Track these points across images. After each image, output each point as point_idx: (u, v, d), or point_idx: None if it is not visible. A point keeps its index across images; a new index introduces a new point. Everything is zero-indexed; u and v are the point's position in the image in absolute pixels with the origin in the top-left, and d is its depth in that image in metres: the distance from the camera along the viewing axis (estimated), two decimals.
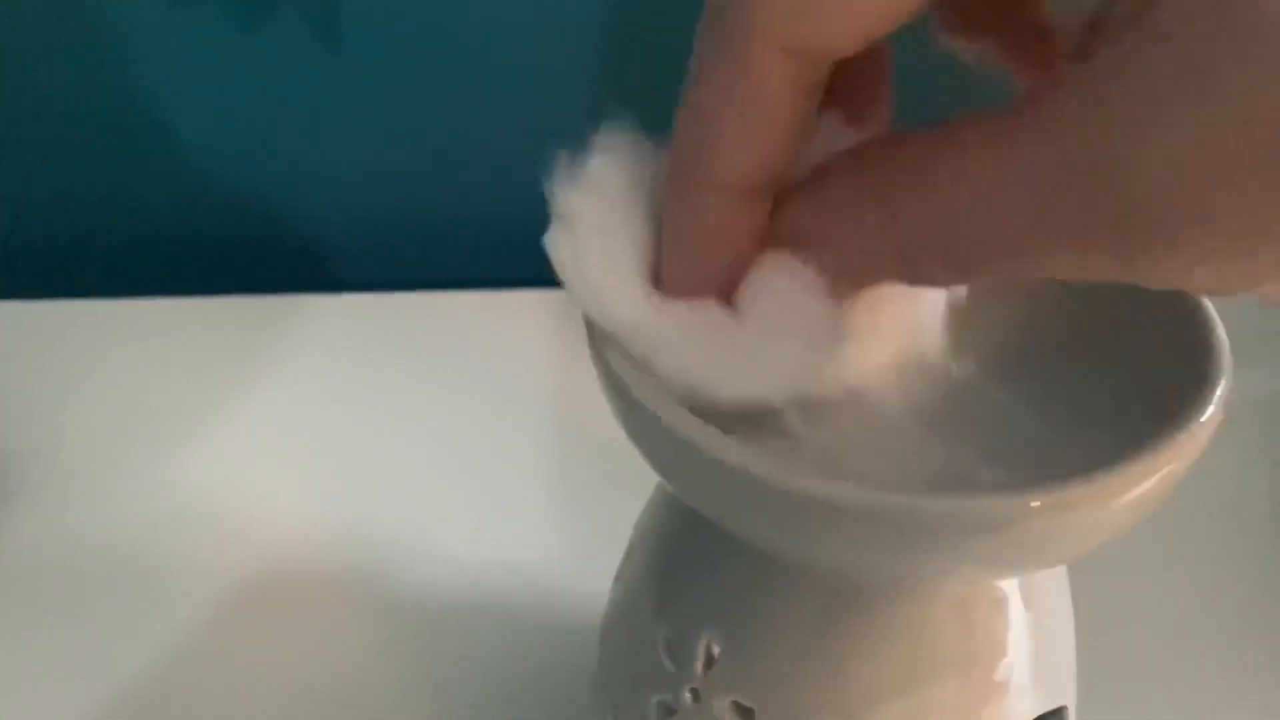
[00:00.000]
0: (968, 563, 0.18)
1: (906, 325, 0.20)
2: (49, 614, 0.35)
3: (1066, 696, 0.23)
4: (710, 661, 0.21)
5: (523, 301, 0.48)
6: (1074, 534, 0.17)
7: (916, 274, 0.16)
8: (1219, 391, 0.18)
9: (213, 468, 0.40)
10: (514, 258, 0.51)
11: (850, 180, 0.17)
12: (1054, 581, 0.22)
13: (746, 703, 0.21)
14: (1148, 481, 0.17)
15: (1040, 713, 0.22)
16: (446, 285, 0.49)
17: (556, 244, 0.19)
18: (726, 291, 0.18)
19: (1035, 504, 0.16)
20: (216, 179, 0.50)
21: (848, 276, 0.17)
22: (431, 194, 0.52)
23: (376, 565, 0.37)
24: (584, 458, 0.41)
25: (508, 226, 0.52)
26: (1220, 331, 0.19)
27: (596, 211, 0.19)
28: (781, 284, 0.17)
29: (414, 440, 0.42)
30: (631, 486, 0.24)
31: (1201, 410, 0.18)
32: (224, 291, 0.48)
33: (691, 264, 0.18)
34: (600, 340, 0.19)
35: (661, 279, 0.18)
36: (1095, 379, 0.20)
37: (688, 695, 0.22)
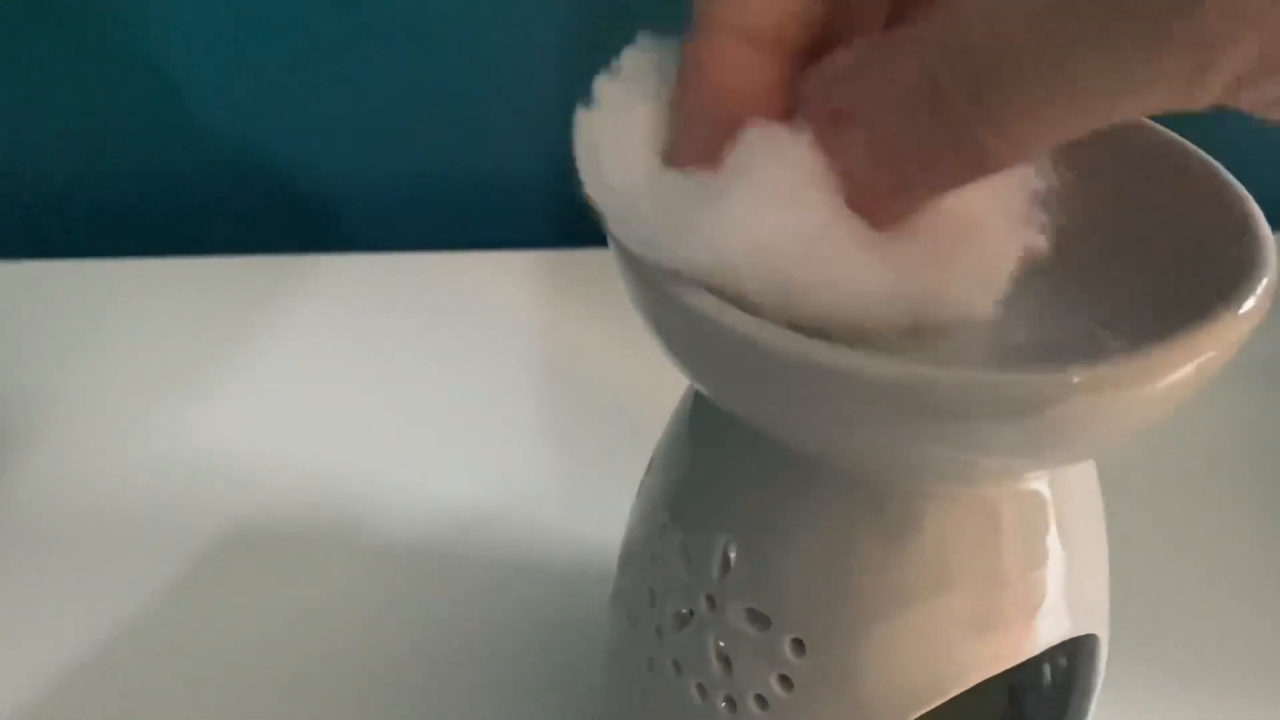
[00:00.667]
0: (999, 449, 0.17)
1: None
2: (53, 556, 0.35)
3: (1098, 625, 0.22)
4: (726, 567, 0.21)
5: (524, 262, 0.48)
6: (1110, 418, 0.16)
7: (943, 109, 0.15)
8: (1263, 285, 0.17)
9: (217, 421, 0.41)
10: (519, 219, 0.52)
11: (865, 40, 0.16)
12: (1087, 500, 0.21)
13: (762, 609, 0.20)
14: (1188, 365, 0.16)
15: (1069, 637, 0.21)
16: (449, 246, 0.50)
17: (580, 124, 0.19)
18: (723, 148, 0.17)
19: (1075, 380, 0.16)
20: (226, 141, 0.50)
21: (874, 138, 0.16)
22: (435, 157, 0.52)
23: (375, 515, 0.37)
24: (575, 410, 0.41)
25: (513, 189, 0.53)
26: (1265, 228, 0.18)
27: (621, 96, 0.19)
28: (775, 147, 0.17)
29: (414, 395, 0.42)
30: (616, 435, 0.25)
31: (1244, 300, 0.17)
32: (232, 251, 0.49)
33: (693, 107, 0.17)
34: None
35: (669, 131, 0.18)
36: (1141, 283, 0.20)
37: (704, 602, 0.21)
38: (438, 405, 0.42)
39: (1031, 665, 0.28)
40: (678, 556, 0.21)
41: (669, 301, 0.17)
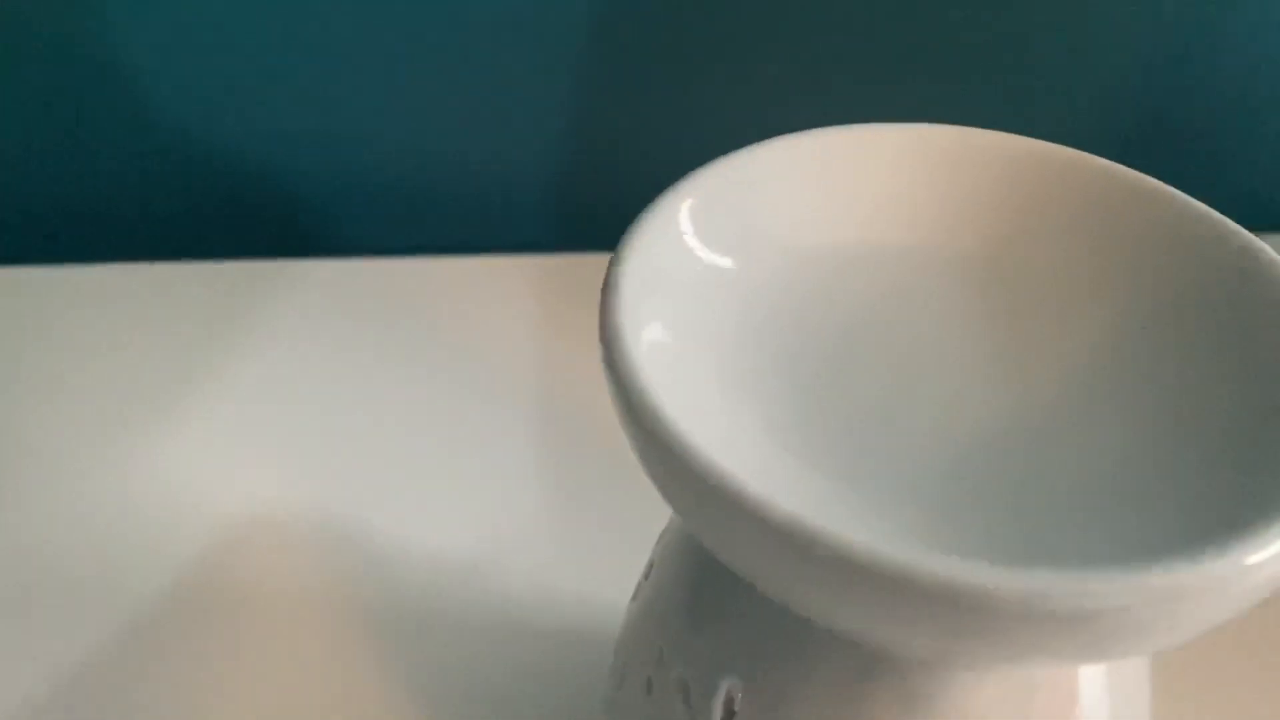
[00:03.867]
0: (1041, 651, 0.15)
1: None
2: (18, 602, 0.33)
3: None
4: (730, 714, 0.19)
5: (509, 268, 0.46)
6: (1183, 619, 0.15)
7: None
8: None
9: (182, 449, 0.38)
10: (505, 224, 0.49)
11: None
12: (1133, 680, 0.20)
13: None
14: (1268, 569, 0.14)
15: None
16: (434, 250, 0.48)
17: None
18: None
19: (1153, 583, 0.14)
20: (198, 142, 0.48)
21: None
22: (419, 159, 0.50)
23: (355, 554, 0.34)
24: (572, 437, 0.39)
25: (503, 192, 0.50)
26: None
27: None
28: None
29: (396, 416, 0.39)
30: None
31: None
32: (203, 256, 0.46)
33: None
34: (616, 362, 0.16)
35: None
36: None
37: None
38: (425, 427, 0.39)
39: None
40: (675, 691, 0.20)
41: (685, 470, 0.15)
